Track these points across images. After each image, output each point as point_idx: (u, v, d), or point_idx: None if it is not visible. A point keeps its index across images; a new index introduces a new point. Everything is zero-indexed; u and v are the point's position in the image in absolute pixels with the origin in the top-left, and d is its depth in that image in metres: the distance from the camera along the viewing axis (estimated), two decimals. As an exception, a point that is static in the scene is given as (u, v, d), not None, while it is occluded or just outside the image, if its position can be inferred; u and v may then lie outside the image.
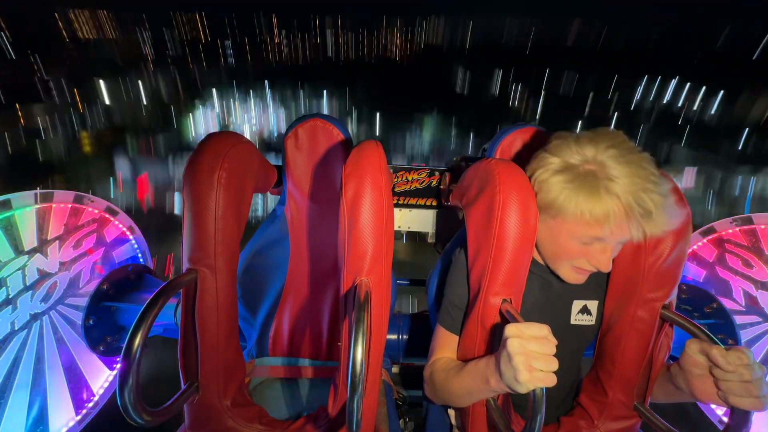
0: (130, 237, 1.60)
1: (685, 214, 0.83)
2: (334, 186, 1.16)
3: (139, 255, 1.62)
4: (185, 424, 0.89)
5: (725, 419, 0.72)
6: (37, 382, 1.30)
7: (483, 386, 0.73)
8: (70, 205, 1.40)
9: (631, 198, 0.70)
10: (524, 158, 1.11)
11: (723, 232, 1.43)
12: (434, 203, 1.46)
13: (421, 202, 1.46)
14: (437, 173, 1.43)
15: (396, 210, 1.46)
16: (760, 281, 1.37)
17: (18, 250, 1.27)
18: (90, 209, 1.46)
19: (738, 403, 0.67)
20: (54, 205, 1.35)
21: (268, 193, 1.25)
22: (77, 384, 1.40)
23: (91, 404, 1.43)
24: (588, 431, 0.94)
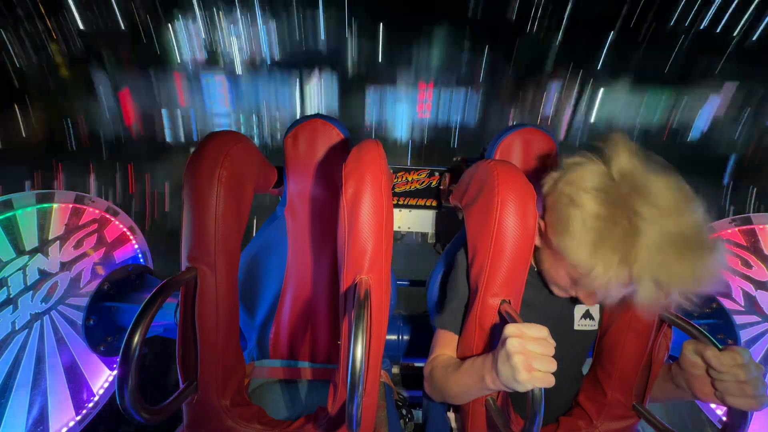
0: (131, 237, 1.60)
1: None
2: (334, 186, 1.16)
3: (140, 255, 1.63)
4: (184, 424, 0.89)
5: (725, 419, 0.72)
6: (38, 382, 1.30)
7: (479, 384, 0.73)
8: (71, 205, 1.40)
9: (650, 278, 0.61)
10: (524, 159, 1.12)
11: (722, 232, 1.43)
12: (434, 204, 1.47)
13: (421, 202, 1.47)
14: (437, 174, 1.44)
15: (396, 210, 1.46)
16: (760, 281, 1.37)
17: (19, 250, 1.28)
18: (91, 209, 1.47)
19: (734, 403, 0.67)
20: (55, 205, 1.36)
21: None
22: (77, 384, 1.40)
23: (91, 404, 1.43)
24: (587, 431, 0.94)
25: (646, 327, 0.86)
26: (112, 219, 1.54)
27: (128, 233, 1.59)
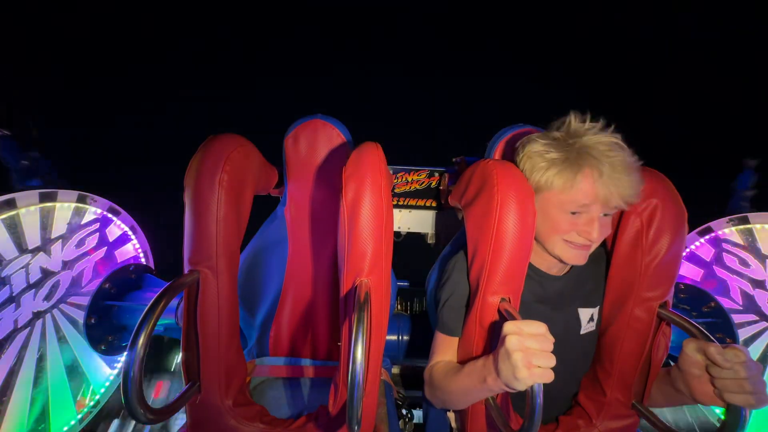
0: (132, 237, 1.61)
1: (679, 211, 0.84)
2: (334, 186, 1.17)
3: (141, 255, 1.63)
4: (187, 423, 0.90)
5: (723, 418, 0.73)
6: (39, 380, 1.30)
7: (480, 386, 0.74)
8: (73, 205, 1.41)
9: (599, 159, 0.77)
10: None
11: (720, 232, 1.44)
12: (434, 204, 1.47)
13: (421, 203, 1.47)
14: (436, 174, 1.44)
15: (395, 211, 1.47)
16: (757, 280, 1.38)
17: (21, 249, 1.28)
18: (93, 209, 1.47)
19: (732, 399, 0.68)
20: (57, 204, 1.37)
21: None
22: (78, 382, 1.40)
23: (92, 403, 1.43)
24: (586, 430, 0.94)
25: (645, 326, 0.87)
26: (114, 218, 1.55)
27: (129, 233, 1.60)
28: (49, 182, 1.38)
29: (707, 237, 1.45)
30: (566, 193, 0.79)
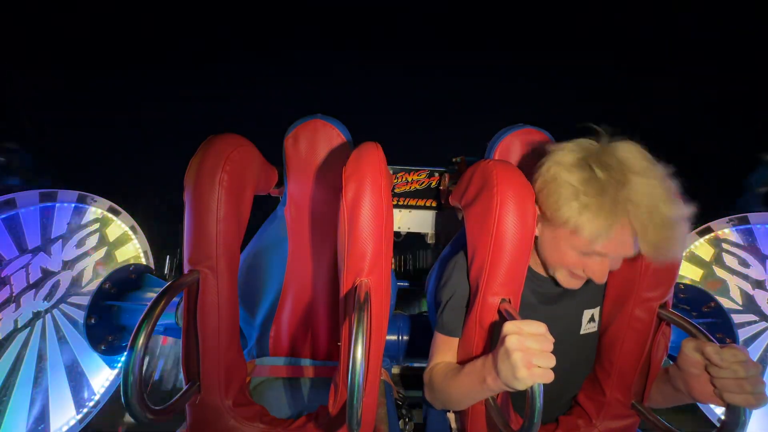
0: (132, 236, 1.61)
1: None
2: (334, 186, 1.17)
3: (141, 255, 1.63)
4: (187, 423, 0.90)
5: (723, 417, 0.73)
6: (39, 380, 1.30)
7: (480, 386, 0.74)
8: (73, 205, 1.41)
9: (644, 215, 0.69)
10: (523, 159, 1.13)
11: (720, 232, 1.44)
12: (434, 204, 1.47)
13: (421, 203, 1.47)
14: (437, 174, 1.44)
15: (396, 211, 1.47)
16: (757, 280, 1.38)
17: (22, 249, 1.28)
18: (93, 209, 1.48)
19: (732, 399, 0.68)
20: (58, 205, 1.37)
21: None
22: (78, 382, 1.40)
23: (92, 403, 1.44)
24: (586, 430, 0.94)
25: (645, 326, 0.87)
26: (114, 218, 1.55)
27: (129, 232, 1.60)
28: (30, 180, 1.37)
29: (707, 237, 1.45)
30: (589, 242, 0.74)
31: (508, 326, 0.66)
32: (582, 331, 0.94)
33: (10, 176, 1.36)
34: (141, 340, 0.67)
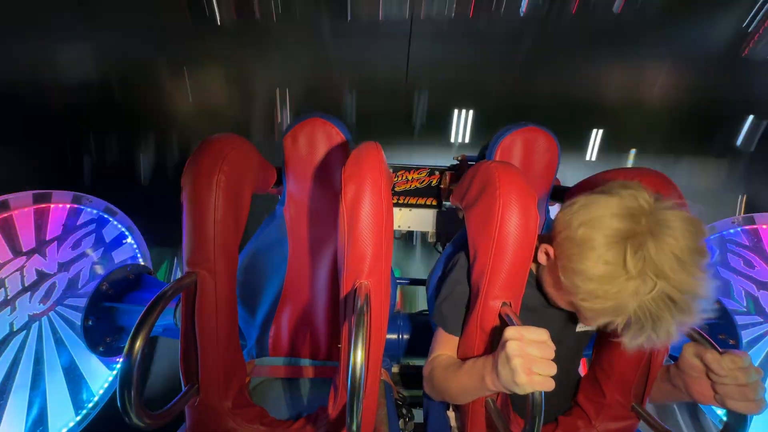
0: (129, 237, 1.60)
1: None
2: (334, 185, 1.16)
3: (138, 255, 1.62)
4: (186, 426, 0.89)
5: (725, 420, 0.72)
6: (37, 383, 1.30)
7: (479, 384, 0.73)
8: (68, 206, 1.40)
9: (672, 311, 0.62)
10: (524, 158, 1.12)
11: (724, 232, 1.43)
12: (434, 203, 1.46)
13: (421, 201, 1.46)
14: (437, 173, 1.43)
15: (396, 209, 1.46)
16: (762, 281, 1.37)
17: (16, 251, 1.27)
18: (88, 209, 1.46)
19: (734, 406, 0.67)
20: (52, 206, 1.35)
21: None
22: (77, 385, 1.40)
23: (90, 405, 1.43)
24: (585, 431, 0.94)
25: None
26: (110, 219, 1.54)
27: (126, 233, 1.59)
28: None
29: (711, 237, 1.44)
30: (584, 319, 0.73)
31: (510, 332, 0.65)
32: (578, 329, 0.94)
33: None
34: (138, 343, 0.66)
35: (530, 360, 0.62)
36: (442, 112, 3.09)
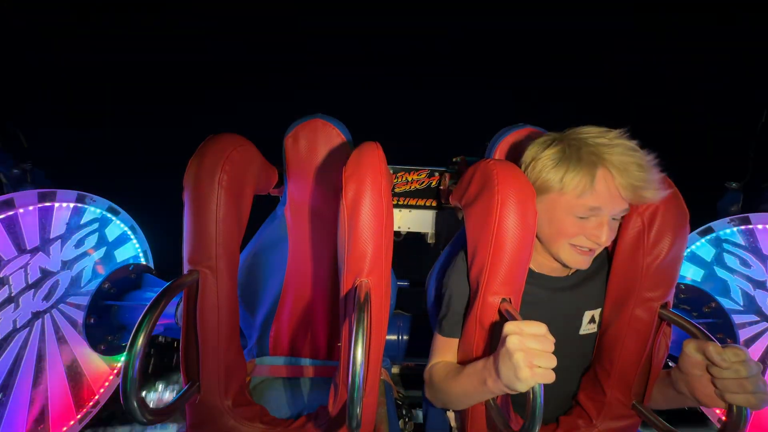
0: (132, 236, 1.60)
1: (681, 212, 0.84)
2: (334, 186, 1.17)
3: (141, 254, 1.63)
4: (186, 424, 0.90)
5: (725, 418, 0.72)
6: (38, 380, 1.30)
7: (480, 388, 0.74)
8: (72, 205, 1.41)
9: (619, 162, 0.77)
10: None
11: (720, 232, 1.44)
12: (434, 204, 1.47)
13: (421, 202, 1.47)
14: (437, 174, 1.44)
15: (396, 210, 1.46)
16: (758, 281, 1.38)
17: (20, 249, 1.28)
18: (92, 209, 1.47)
19: (734, 400, 0.67)
20: (56, 204, 1.36)
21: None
22: (78, 382, 1.40)
23: (92, 403, 1.43)
24: (586, 430, 0.94)
25: (646, 326, 0.87)
26: (113, 218, 1.54)
27: (129, 232, 1.60)
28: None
29: (708, 237, 1.45)
30: (579, 197, 0.80)
31: (509, 326, 0.66)
32: (581, 332, 0.94)
33: (26, 186, 1.37)
34: (140, 341, 0.67)
35: (531, 353, 0.63)
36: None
